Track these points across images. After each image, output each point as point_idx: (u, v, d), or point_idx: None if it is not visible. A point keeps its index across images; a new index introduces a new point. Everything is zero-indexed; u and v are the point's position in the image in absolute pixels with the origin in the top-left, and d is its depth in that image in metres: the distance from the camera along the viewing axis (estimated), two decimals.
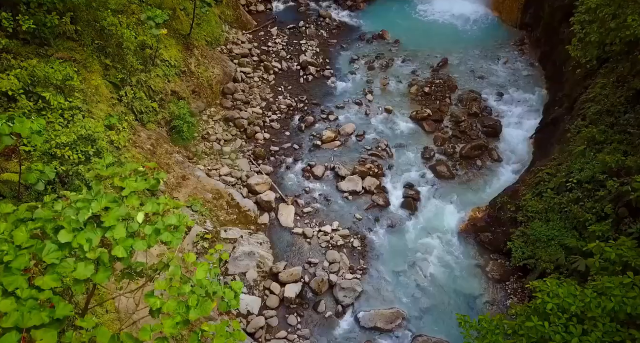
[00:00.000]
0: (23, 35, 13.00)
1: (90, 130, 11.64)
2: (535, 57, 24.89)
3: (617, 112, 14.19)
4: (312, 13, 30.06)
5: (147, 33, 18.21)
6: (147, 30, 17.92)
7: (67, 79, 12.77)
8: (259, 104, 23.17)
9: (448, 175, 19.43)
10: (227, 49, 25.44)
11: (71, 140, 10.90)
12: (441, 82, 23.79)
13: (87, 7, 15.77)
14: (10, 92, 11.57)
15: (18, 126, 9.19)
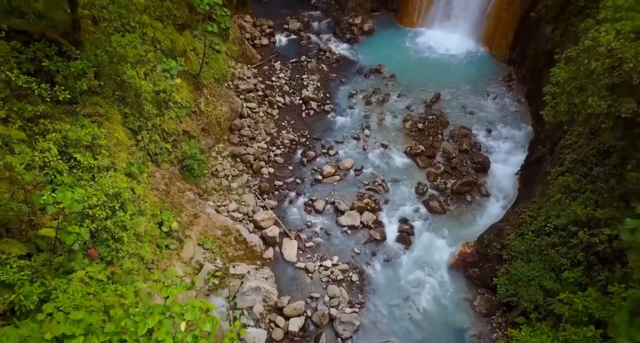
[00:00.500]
0: (56, 97, 14.24)
1: (115, 188, 12.85)
2: (522, 93, 26.24)
3: (590, 162, 15.45)
4: (313, 46, 31.44)
5: (162, 79, 19.53)
6: (162, 78, 19.24)
7: (94, 138, 14.02)
8: (264, 138, 24.44)
9: (440, 210, 20.67)
10: (234, 85, 26.76)
11: (101, 201, 12.11)
12: (434, 117, 25.10)
13: (109, 62, 17.08)
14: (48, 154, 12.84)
15: (60, 196, 10.52)
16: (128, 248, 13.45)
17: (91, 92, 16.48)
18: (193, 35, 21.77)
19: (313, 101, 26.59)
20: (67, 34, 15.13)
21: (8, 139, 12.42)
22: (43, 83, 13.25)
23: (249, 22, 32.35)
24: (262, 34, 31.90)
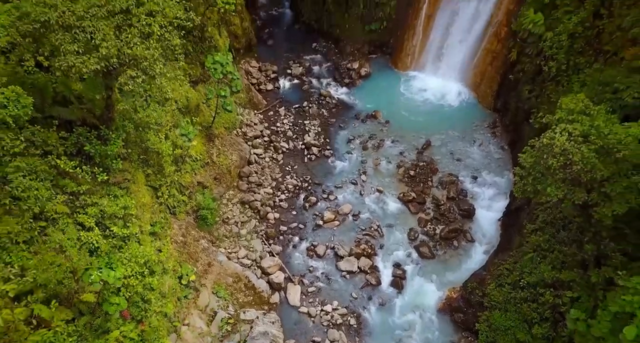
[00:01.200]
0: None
1: (145, 257, 14.68)
2: (506, 141, 28.24)
3: (557, 225, 17.33)
4: (314, 91, 33.49)
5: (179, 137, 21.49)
6: (179, 137, 21.22)
7: (126, 208, 15.92)
8: (270, 183, 26.35)
9: (429, 255, 22.51)
10: (242, 132, 28.76)
11: (134, 271, 13.95)
12: (424, 164, 27.06)
13: (135, 130, 19.03)
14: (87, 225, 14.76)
15: (105, 275, 12.40)
16: (155, 307, 15.26)
17: (121, 158, 18.45)
18: (207, 97, 23.71)
19: (314, 147, 28.57)
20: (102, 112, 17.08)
21: (54, 214, 14.34)
22: (84, 165, 15.19)
23: (254, 67, 34.48)
24: (267, 79, 33.99)
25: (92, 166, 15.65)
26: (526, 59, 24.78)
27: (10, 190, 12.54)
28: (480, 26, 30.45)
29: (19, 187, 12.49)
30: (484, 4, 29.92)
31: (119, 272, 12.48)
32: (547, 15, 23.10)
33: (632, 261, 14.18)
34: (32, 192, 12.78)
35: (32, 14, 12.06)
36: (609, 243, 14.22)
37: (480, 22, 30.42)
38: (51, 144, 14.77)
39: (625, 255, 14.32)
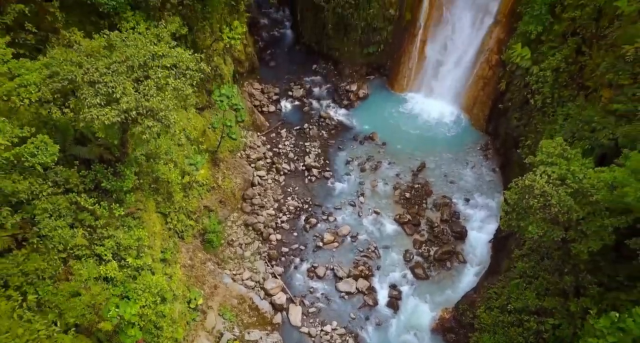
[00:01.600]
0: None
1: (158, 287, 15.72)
2: (497, 163, 29.35)
3: (542, 253, 18.40)
4: (314, 112, 34.64)
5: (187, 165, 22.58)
6: (188, 166, 22.32)
7: (139, 240, 16.97)
8: (272, 205, 27.42)
9: (423, 276, 23.56)
10: (246, 154, 29.86)
11: (149, 302, 14.98)
12: (419, 186, 28.15)
13: (147, 161, 20.12)
14: (105, 256, 15.82)
15: (122, 311, 13.46)
16: (166, 333, 16.28)
17: (134, 188, 19.53)
18: (213, 126, 24.81)
19: (314, 168, 29.67)
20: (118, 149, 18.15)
21: (76, 251, 15.41)
22: (102, 200, 16.28)
23: (257, 89, 35.65)
24: (270, 100, 35.14)
25: (108, 198, 16.77)
26: (514, 90, 25.97)
27: (38, 230, 13.63)
28: (473, 53, 31.66)
29: (45, 227, 13.57)
30: (476, 32, 31.16)
31: (134, 309, 13.55)
32: (534, 49, 24.31)
33: (608, 291, 15.25)
34: (57, 231, 13.86)
35: (61, 72, 13.19)
36: (586, 276, 15.29)
37: (472, 49, 31.62)
38: (72, 182, 15.85)
39: (602, 286, 15.40)
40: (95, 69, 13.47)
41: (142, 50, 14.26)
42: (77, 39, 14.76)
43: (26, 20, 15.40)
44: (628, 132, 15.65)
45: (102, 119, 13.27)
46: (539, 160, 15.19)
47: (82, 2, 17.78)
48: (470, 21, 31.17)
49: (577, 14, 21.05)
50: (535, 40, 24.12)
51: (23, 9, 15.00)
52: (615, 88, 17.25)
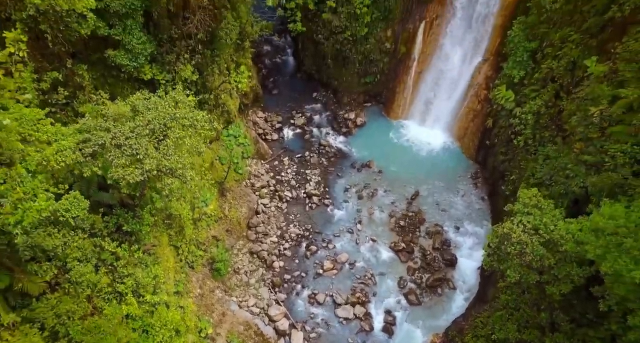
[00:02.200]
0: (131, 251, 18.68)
1: (174, 323, 17.20)
2: (485, 192, 30.90)
3: (522, 287, 19.84)
4: (314, 140, 36.21)
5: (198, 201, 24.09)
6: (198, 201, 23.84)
7: (155, 277, 18.47)
8: (275, 232, 28.92)
9: (416, 302, 25.02)
10: (250, 183, 31.41)
11: (166, 337, 16.45)
12: (413, 214, 29.67)
13: (161, 199, 21.64)
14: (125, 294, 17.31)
15: None
16: None
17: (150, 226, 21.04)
18: (221, 161, 26.36)
19: (315, 196, 31.20)
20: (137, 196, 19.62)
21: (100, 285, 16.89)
22: (123, 242, 17.81)
23: (261, 118, 37.28)
24: (273, 129, 36.74)
25: (127, 237, 18.31)
26: (500, 128, 27.58)
27: (69, 277, 15.12)
28: (463, 86, 33.34)
29: (76, 274, 15.07)
30: (466, 67, 32.86)
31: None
32: (517, 91, 25.96)
33: (579, 327, 16.74)
34: (85, 276, 15.36)
35: (93, 138, 14.75)
36: (559, 314, 16.77)
37: (463, 83, 33.30)
38: (97, 227, 17.40)
39: (573, 322, 16.88)
40: (122, 133, 15.04)
41: (162, 113, 15.86)
42: (104, 101, 16.39)
43: (58, 85, 17.01)
44: (596, 182, 17.19)
45: (128, 178, 14.84)
46: (516, 209, 16.74)
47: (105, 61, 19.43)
48: (461, 57, 32.90)
49: (554, 64, 22.72)
50: (518, 83, 25.77)
51: (57, 76, 16.61)
52: (586, 140, 18.82)
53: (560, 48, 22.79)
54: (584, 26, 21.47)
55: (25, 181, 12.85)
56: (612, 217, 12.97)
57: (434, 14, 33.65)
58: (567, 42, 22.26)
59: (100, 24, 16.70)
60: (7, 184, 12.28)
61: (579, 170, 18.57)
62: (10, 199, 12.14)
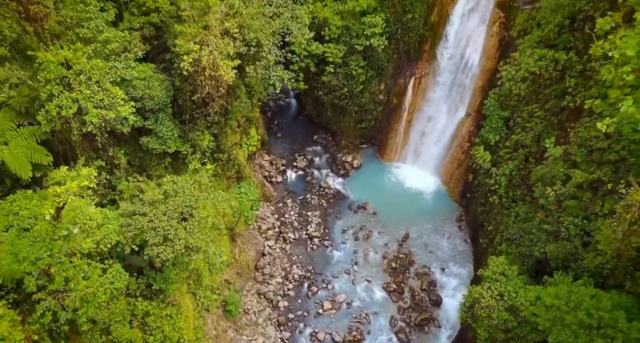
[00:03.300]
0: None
1: None
2: (468, 235, 33.49)
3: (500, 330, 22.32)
4: (315, 182, 38.90)
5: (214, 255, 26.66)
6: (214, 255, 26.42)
7: (179, 329, 20.98)
8: (280, 273, 31.45)
9: (406, 340, 27.45)
10: (257, 225, 34.01)
11: None
12: (404, 256, 32.23)
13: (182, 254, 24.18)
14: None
15: None
16: None
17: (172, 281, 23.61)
18: (233, 214, 29.01)
19: (315, 238, 33.78)
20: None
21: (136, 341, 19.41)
22: (153, 300, 20.37)
23: (267, 161, 40.03)
24: (277, 171, 39.47)
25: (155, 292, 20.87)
26: (479, 183, 30.29)
27: (112, 338, 17.63)
28: (448, 136, 36.14)
29: (117, 335, 17.61)
30: (451, 119, 35.71)
31: None
32: (494, 151, 28.70)
33: None
34: (124, 336, 17.89)
35: (133, 223, 17.41)
36: None
37: (448, 133, 36.11)
38: (131, 288, 19.99)
39: None
40: (156, 216, 17.70)
41: (188, 195, 18.57)
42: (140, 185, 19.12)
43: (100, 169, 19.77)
44: (553, 250, 19.79)
45: (161, 256, 17.48)
46: (486, 275, 19.34)
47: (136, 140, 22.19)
48: (446, 110, 35.78)
49: (523, 135, 25.52)
50: (494, 145, 28.54)
51: (101, 164, 19.36)
52: (546, 210, 21.48)
53: (528, 121, 25.62)
54: (546, 105, 24.34)
55: (88, 273, 15.37)
56: (556, 297, 15.55)
57: (423, 71, 36.67)
58: (534, 117, 25.09)
59: (137, 118, 19.45)
60: (74, 280, 14.71)
61: (541, 237, 21.19)
62: (77, 294, 14.58)
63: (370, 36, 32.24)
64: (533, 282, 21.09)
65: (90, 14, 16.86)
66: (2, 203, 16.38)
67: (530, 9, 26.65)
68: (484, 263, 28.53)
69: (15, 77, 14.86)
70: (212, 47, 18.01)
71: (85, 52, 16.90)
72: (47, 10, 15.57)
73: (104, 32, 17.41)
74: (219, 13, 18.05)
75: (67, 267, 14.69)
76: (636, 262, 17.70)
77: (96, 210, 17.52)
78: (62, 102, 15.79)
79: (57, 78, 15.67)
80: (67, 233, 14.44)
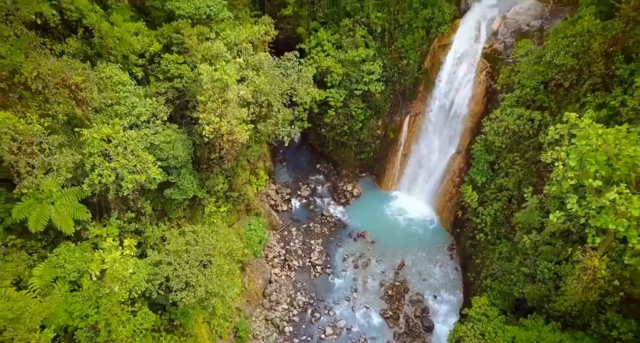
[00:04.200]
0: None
1: None
2: (459, 263, 35.47)
3: None
4: (318, 210, 41.02)
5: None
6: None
7: None
8: (285, 300, 33.47)
9: None
10: (264, 254, 36.11)
11: None
12: (399, 283, 34.23)
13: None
14: None
15: None
16: None
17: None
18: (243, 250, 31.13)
19: (318, 265, 35.84)
20: None
21: None
22: (174, 333, 22.44)
23: (273, 190, 42.23)
24: (283, 200, 41.63)
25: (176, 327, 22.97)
26: (467, 219, 32.36)
27: None
28: (441, 170, 38.28)
29: None
30: (443, 154, 37.86)
31: None
32: (481, 191, 30.81)
33: None
34: None
35: (160, 273, 19.58)
36: None
37: (441, 167, 38.25)
38: (156, 324, 22.08)
39: None
40: (180, 265, 19.88)
41: (207, 244, 20.76)
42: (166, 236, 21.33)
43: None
44: (529, 291, 21.83)
45: (184, 300, 19.63)
46: (470, 315, 21.36)
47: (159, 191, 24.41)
48: (439, 146, 37.98)
49: (505, 180, 27.66)
50: (481, 186, 30.67)
51: (131, 216, 21.59)
52: (524, 254, 23.55)
53: (511, 167, 27.76)
54: (526, 155, 26.50)
55: (123, 319, 17.53)
56: (528, 340, 17.56)
57: (417, 110, 39.00)
58: (515, 164, 27.24)
59: (162, 175, 21.71)
60: (115, 331, 16.85)
61: (520, 278, 23.23)
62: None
63: (368, 82, 34.59)
64: (513, 318, 23.14)
65: (127, 93, 19.22)
66: (50, 256, 18.63)
67: (512, 64, 28.94)
68: (471, 292, 30.62)
69: (71, 161, 17.09)
70: (230, 116, 20.32)
71: (122, 124, 19.23)
72: (93, 95, 17.91)
73: (137, 106, 19.75)
74: (236, 89, 20.36)
75: (109, 318, 16.85)
76: (599, 305, 19.74)
77: (133, 260, 19.72)
78: (103, 172, 18.08)
79: (99, 152, 17.98)
80: (109, 291, 16.62)
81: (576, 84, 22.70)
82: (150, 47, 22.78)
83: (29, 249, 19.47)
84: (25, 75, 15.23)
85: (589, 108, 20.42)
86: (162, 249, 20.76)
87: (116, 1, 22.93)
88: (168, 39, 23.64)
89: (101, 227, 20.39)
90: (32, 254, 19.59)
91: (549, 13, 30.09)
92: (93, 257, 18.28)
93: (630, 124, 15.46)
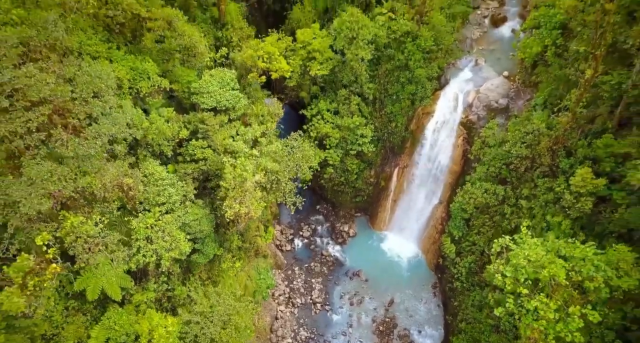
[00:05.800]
0: None
1: None
2: (441, 300, 38.92)
3: None
4: (318, 250, 44.53)
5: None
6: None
7: None
8: (290, 334, 36.81)
9: None
10: (271, 292, 39.47)
11: None
12: (389, 320, 37.64)
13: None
14: None
15: None
16: None
17: None
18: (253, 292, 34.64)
19: (318, 303, 39.25)
20: None
21: None
22: None
23: (278, 231, 45.80)
24: (286, 240, 45.18)
25: None
26: (446, 266, 35.95)
27: None
28: (426, 216, 41.97)
29: None
30: (428, 203, 41.58)
31: None
32: (458, 242, 34.45)
33: None
34: None
35: (190, 330, 23.02)
36: None
37: (426, 214, 41.94)
38: None
39: None
40: (206, 324, 23.36)
41: (228, 306, 24.29)
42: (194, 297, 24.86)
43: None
44: (494, 341, 25.31)
45: None
46: None
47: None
48: (424, 196, 41.73)
49: (477, 238, 31.34)
50: (458, 239, 34.33)
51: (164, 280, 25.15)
52: (488, 307, 27.09)
53: (482, 226, 31.47)
54: (494, 218, 30.24)
55: None
56: None
57: (405, 163, 42.87)
58: (485, 225, 30.97)
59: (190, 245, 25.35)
60: None
61: (487, 328, 26.76)
62: None
63: (362, 144, 38.49)
64: None
65: (165, 186, 22.97)
66: (103, 319, 22.13)
67: (483, 138, 32.82)
68: (450, 329, 34.06)
69: (125, 254, 20.76)
70: (248, 202, 24.04)
71: (161, 211, 22.92)
72: (139, 191, 21.62)
73: (173, 196, 23.49)
74: (253, 180, 24.09)
75: None
76: None
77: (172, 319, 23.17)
78: (146, 253, 21.70)
79: (143, 238, 21.64)
80: None
81: (530, 168, 26.57)
82: (180, 133, 26.62)
83: (85, 311, 22.96)
84: (94, 189, 18.96)
85: (535, 201, 24.23)
86: (191, 309, 24.26)
87: (152, 98, 26.87)
88: (194, 126, 27.54)
89: (141, 291, 23.92)
90: (86, 314, 23.09)
91: (514, 93, 34.17)
92: (137, 319, 21.76)
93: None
